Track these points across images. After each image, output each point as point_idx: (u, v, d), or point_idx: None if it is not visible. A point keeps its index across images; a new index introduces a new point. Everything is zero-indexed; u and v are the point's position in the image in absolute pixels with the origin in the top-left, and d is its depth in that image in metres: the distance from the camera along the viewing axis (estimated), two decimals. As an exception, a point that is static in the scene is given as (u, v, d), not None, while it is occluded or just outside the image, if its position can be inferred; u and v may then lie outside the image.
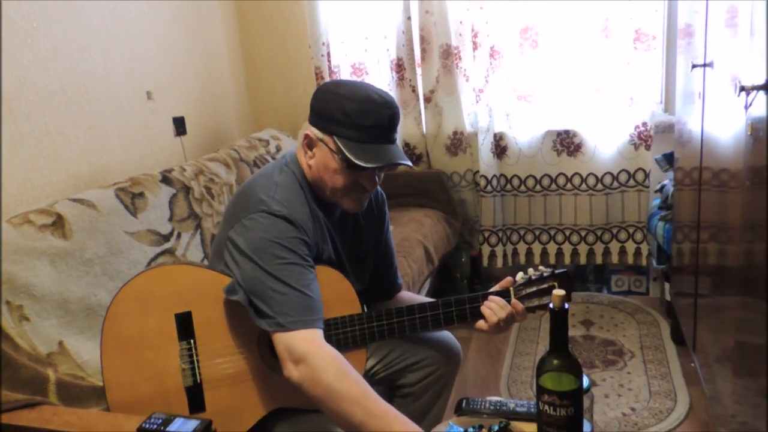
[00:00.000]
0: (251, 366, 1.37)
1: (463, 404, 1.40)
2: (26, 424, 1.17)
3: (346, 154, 1.32)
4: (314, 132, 1.38)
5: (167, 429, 1.11)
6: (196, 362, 1.35)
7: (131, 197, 1.87)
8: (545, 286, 1.43)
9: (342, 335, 1.40)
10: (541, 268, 1.45)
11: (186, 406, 1.34)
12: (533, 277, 1.43)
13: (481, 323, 1.41)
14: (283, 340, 1.25)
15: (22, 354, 1.39)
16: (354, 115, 1.32)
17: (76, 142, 2.01)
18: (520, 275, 1.44)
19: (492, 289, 1.45)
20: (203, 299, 1.36)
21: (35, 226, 1.54)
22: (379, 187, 1.59)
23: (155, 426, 1.12)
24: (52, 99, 1.91)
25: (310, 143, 1.39)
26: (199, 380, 1.35)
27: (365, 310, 1.45)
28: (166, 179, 2.05)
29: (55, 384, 1.39)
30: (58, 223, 1.60)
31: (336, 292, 1.41)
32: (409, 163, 1.39)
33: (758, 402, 1.40)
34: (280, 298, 1.26)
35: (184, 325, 1.34)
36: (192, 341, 1.35)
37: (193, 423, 1.12)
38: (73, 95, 2.00)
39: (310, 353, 1.23)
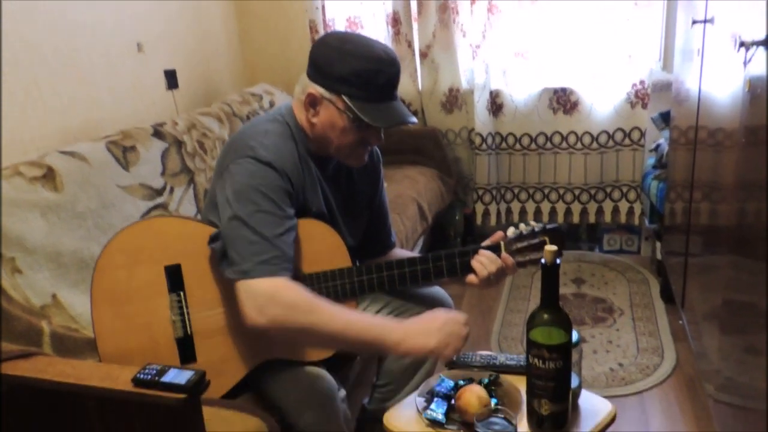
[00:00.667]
0: (241, 318, 1.38)
1: (454, 358, 1.42)
2: (21, 374, 1.18)
3: (358, 114, 1.31)
4: (319, 91, 1.35)
5: (161, 379, 1.12)
6: (186, 314, 1.36)
7: (123, 151, 1.85)
8: (536, 241, 1.42)
9: (332, 287, 1.41)
10: (532, 223, 1.44)
11: (177, 357, 1.35)
12: (524, 232, 1.42)
13: (471, 277, 1.41)
14: (246, 287, 1.24)
15: (16, 306, 1.40)
16: (364, 75, 1.31)
17: (66, 94, 1.98)
18: (511, 230, 1.43)
19: (483, 244, 1.45)
20: (192, 251, 1.36)
21: (26, 179, 1.53)
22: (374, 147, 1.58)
23: (149, 376, 1.13)
24: (40, 49, 1.87)
25: (313, 101, 1.36)
26: (189, 332, 1.36)
27: (356, 264, 1.46)
28: (157, 133, 2.03)
29: (50, 336, 1.40)
30: (49, 176, 1.58)
31: (325, 245, 1.41)
32: (415, 120, 1.40)
33: (743, 358, 1.42)
34: (248, 246, 1.25)
35: (174, 278, 1.35)
36: (182, 293, 1.36)
37: (187, 374, 1.12)
38: (61, 46, 1.96)
39: (275, 295, 1.23)
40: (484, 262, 1.39)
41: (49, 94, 1.91)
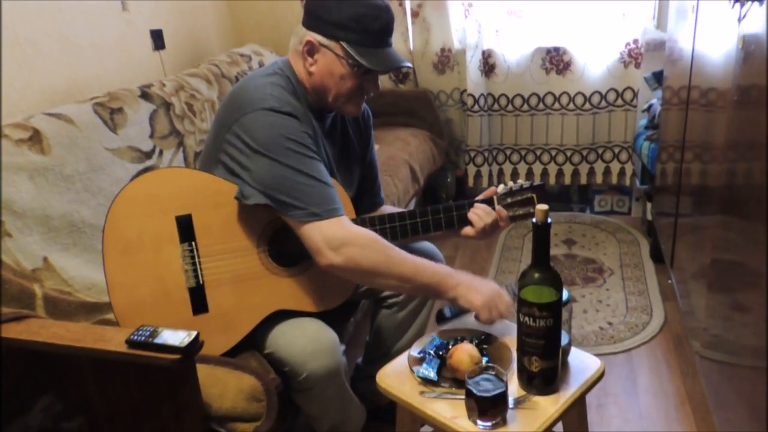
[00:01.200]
0: (252, 269, 1.40)
1: (446, 312, 1.45)
2: (14, 337, 1.18)
3: (357, 59, 1.34)
4: (317, 38, 1.37)
5: (155, 341, 1.12)
6: (198, 263, 1.36)
7: (110, 112, 1.82)
8: (524, 197, 1.50)
9: None
10: (519, 181, 1.53)
11: (189, 306, 1.36)
12: (513, 188, 1.51)
13: (467, 229, 1.49)
14: (320, 229, 1.29)
15: (7, 269, 1.39)
16: (362, 20, 1.33)
17: (49, 53, 1.94)
18: (501, 186, 1.52)
19: (477, 198, 1.52)
20: (203, 202, 1.36)
21: (11, 141, 1.50)
22: (365, 104, 1.58)
23: (143, 338, 1.13)
24: (23, 9, 1.83)
25: (311, 50, 1.38)
26: (201, 281, 1.37)
27: (359, 217, 1.49)
28: (145, 95, 2.00)
29: (42, 299, 1.40)
30: (35, 138, 1.56)
31: None
32: (410, 65, 1.44)
33: (730, 315, 1.45)
34: (308, 190, 1.29)
35: (185, 227, 1.35)
36: (193, 243, 1.36)
37: (181, 335, 1.13)
38: (43, 5, 1.91)
39: (352, 234, 1.30)
40: (480, 214, 1.47)
41: (32, 53, 1.86)
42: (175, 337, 1.13)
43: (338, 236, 1.29)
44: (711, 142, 1.69)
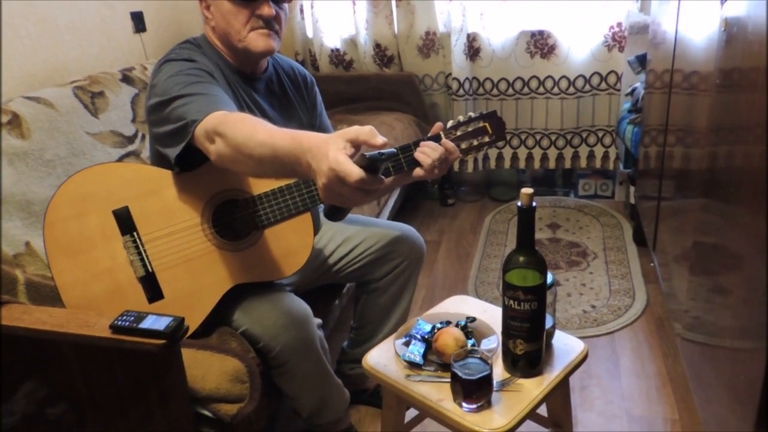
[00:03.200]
0: (200, 248, 1.38)
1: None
2: (-4, 323, 1.17)
3: None
4: None
5: (140, 326, 1.12)
6: (143, 252, 1.36)
7: (90, 96, 1.79)
8: (475, 127, 1.44)
9: (283, 204, 1.40)
10: (470, 113, 1.46)
11: (143, 296, 1.35)
12: (462, 120, 1.44)
13: (417, 171, 1.39)
14: (199, 129, 1.20)
15: (-13, 255, 1.37)
16: None
17: (27, 36, 1.90)
18: (450, 121, 1.44)
19: (424, 137, 1.44)
20: (137, 192, 1.36)
21: (-10, 125, 1.48)
22: (307, 72, 1.65)
23: (127, 323, 1.13)
24: (-2, -11, 1.79)
25: (207, 5, 1.44)
26: (150, 269, 1.36)
27: None
28: (126, 78, 1.97)
29: (24, 284, 1.39)
30: (15, 122, 1.53)
31: None
32: None
33: (711, 297, 1.47)
34: (192, 105, 1.26)
35: (124, 220, 1.35)
36: (135, 233, 1.35)
37: (166, 320, 1.13)
38: (20, -15, 1.87)
39: (221, 122, 1.16)
40: (426, 151, 1.38)
41: (10, 35, 1.83)
42: (160, 322, 1.13)
43: (211, 126, 1.17)
44: (693, 125, 1.71)
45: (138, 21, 2.44)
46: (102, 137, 1.77)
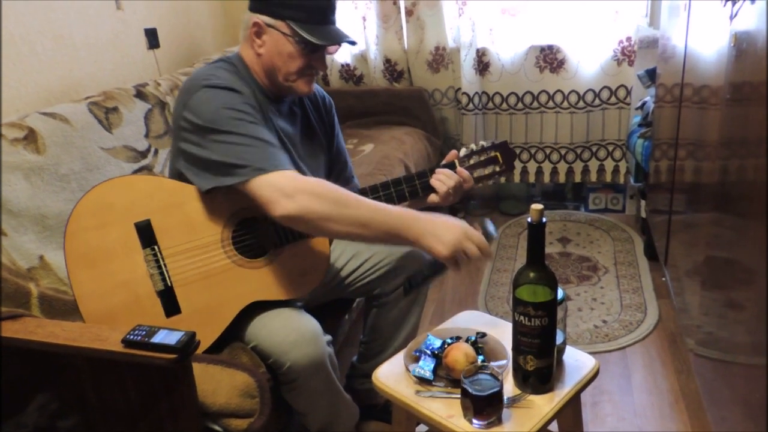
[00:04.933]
0: (219, 264, 1.39)
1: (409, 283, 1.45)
2: (10, 336, 1.18)
3: (303, 35, 1.36)
4: (263, 19, 1.39)
5: (151, 340, 1.13)
6: (163, 266, 1.36)
7: (105, 112, 1.82)
8: (487, 156, 1.51)
9: None
10: (481, 142, 1.53)
11: (161, 309, 1.36)
12: (475, 149, 1.51)
13: (432, 196, 1.48)
14: (269, 180, 1.27)
15: (3, 268, 1.39)
16: None
17: (44, 52, 1.93)
18: (463, 149, 1.52)
19: (439, 164, 1.52)
20: (160, 205, 1.36)
21: (7, 140, 1.50)
22: (325, 93, 1.66)
23: (139, 337, 1.14)
24: (16, 7, 1.82)
25: (259, 31, 1.41)
26: (169, 283, 1.37)
27: None
28: (140, 94, 2.00)
29: (38, 298, 1.40)
30: (31, 138, 1.56)
31: None
32: (355, 41, 1.45)
33: (723, 313, 1.45)
34: (252, 150, 1.29)
35: (145, 233, 1.35)
36: (156, 247, 1.36)
37: (177, 334, 1.13)
38: (36, 2, 1.90)
39: (304, 181, 1.28)
40: (442, 178, 1.47)
41: (26, 52, 1.86)
42: (172, 336, 1.13)
43: (291, 184, 1.26)
44: (704, 139, 1.70)
45: (152, 37, 2.48)
46: (116, 152, 1.80)
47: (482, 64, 3.06)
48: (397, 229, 1.28)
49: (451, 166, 1.49)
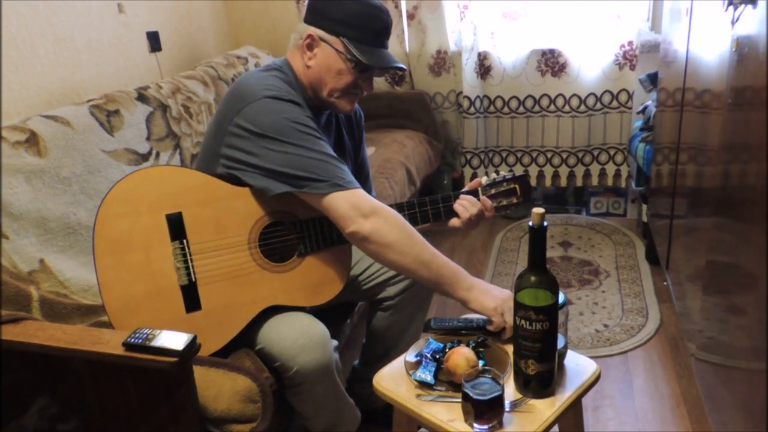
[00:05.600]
0: (243, 265, 1.40)
1: (431, 323, 1.44)
2: (11, 339, 1.18)
3: (356, 54, 1.37)
4: (318, 32, 1.40)
5: (152, 344, 1.12)
6: (190, 261, 1.36)
7: (106, 115, 1.82)
8: (507, 188, 1.56)
9: (328, 232, 1.44)
10: (502, 172, 1.58)
11: (182, 304, 1.36)
12: (497, 179, 1.56)
13: (454, 220, 1.53)
14: (346, 198, 1.31)
15: (3, 271, 1.39)
16: (362, 18, 1.38)
17: (46, 56, 1.94)
18: (484, 178, 1.57)
19: (462, 190, 1.56)
20: (193, 200, 1.36)
21: (9, 143, 1.50)
22: (357, 104, 1.61)
23: (140, 341, 1.13)
24: (18, 10, 1.82)
25: (311, 44, 1.42)
26: (194, 279, 1.37)
27: None
28: (141, 97, 2.00)
29: (39, 301, 1.40)
30: (32, 140, 1.56)
31: None
32: (405, 67, 1.46)
33: (725, 317, 1.45)
34: (324, 165, 1.32)
35: (176, 226, 1.35)
36: (185, 241, 1.36)
37: (178, 337, 1.13)
38: (39, 7, 1.91)
39: (380, 205, 1.33)
40: (466, 205, 1.51)
41: (28, 55, 1.86)
42: (172, 339, 1.13)
43: (368, 204, 1.31)
44: (706, 143, 1.70)
45: (154, 41, 2.48)
46: (117, 155, 1.80)
47: (484, 67, 3.06)
48: (451, 277, 1.34)
49: (473, 193, 1.54)
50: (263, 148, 1.32)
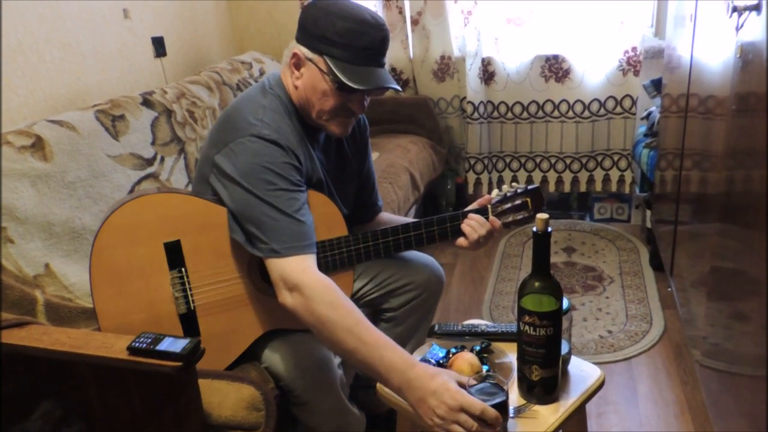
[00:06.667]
0: (243, 291, 1.39)
1: (435, 328, 1.45)
2: (16, 343, 1.18)
3: (338, 75, 1.28)
4: (303, 51, 1.33)
5: (157, 348, 1.13)
6: (188, 290, 1.36)
7: (112, 120, 1.83)
8: (519, 201, 1.48)
9: (330, 257, 1.42)
10: (514, 184, 1.50)
11: (181, 332, 1.36)
12: (508, 194, 1.48)
13: (461, 240, 1.45)
14: (277, 266, 1.25)
15: (9, 275, 1.39)
16: (346, 35, 1.28)
17: (51, 61, 1.95)
18: (495, 192, 1.49)
19: (470, 207, 1.48)
20: (191, 227, 1.35)
21: (14, 148, 1.51)
22: (362, 115, 1.57)
23: (145, 345, 1.14)
24: (25, 16, 1.84)
25: (297, 63, 1.35)
26: (192, 307, 1.36)
27: (352, 233, 1.47)
28: (147, 102, 2.01)
29: (44, 305, 1.41)
30: (38, 145, 1.57)
31: (323, 215, 1.41)
32: (399, 87, 1.36)
33: (729, 324, 1.45)
34: (273, 224, 1.26)
35: (174, 254, 1.34)
36: (183, 269, 1.35)
37: (182, 342, 1.13)
38: (46, 12, 1.92)
39: (304, 282, 1.22)
40: (474, 225, 1.43)
41: (35, 61, 1.87)
42: (177, 344, 1.13)
43: (292, 278, 1.23)
44: (710, 149, 1.70)
45: (159, 46, 2.50)
46: (122, 159, 1.80)
47: (487, 73, 3.07)
48: (378, 374, 1.17)
49: (482, 211, 1.46)
50: (232, 191, 1.30)
